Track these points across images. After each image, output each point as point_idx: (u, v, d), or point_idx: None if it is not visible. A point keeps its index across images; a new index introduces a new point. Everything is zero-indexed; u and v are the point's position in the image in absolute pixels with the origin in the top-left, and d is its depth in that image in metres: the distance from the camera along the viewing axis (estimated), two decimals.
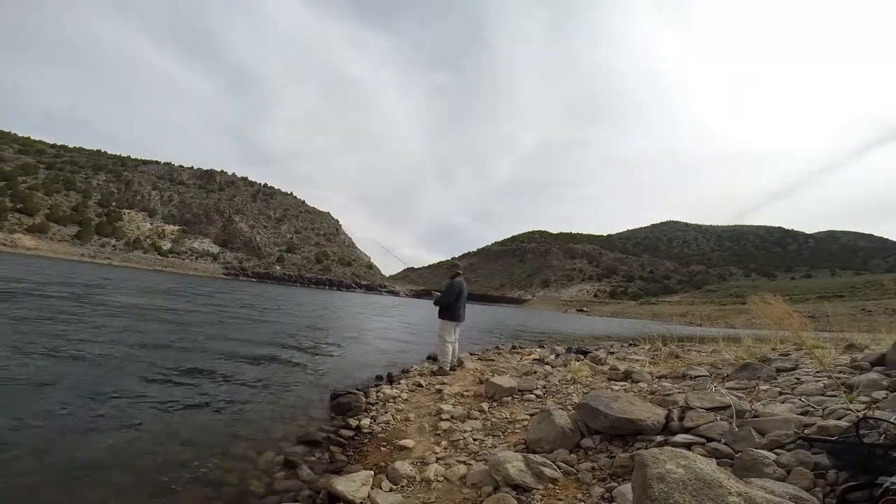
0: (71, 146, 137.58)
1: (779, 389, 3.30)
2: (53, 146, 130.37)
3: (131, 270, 55.17)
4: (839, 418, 2.41)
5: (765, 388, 3.44)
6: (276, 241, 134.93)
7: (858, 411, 2.40)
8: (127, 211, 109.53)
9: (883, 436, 1.98)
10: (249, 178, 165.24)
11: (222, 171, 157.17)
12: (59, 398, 4.24)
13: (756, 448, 2.24)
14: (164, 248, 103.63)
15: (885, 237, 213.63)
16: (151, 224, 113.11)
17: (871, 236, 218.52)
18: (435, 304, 7.03)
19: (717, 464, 2.12)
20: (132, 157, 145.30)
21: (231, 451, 3.57)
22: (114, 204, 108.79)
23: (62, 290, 14.61)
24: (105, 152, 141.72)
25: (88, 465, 3.08)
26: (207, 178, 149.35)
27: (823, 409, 2.63)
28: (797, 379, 3.50)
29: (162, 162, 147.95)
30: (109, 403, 4.28)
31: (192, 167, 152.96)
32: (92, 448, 3.33)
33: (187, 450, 3.49)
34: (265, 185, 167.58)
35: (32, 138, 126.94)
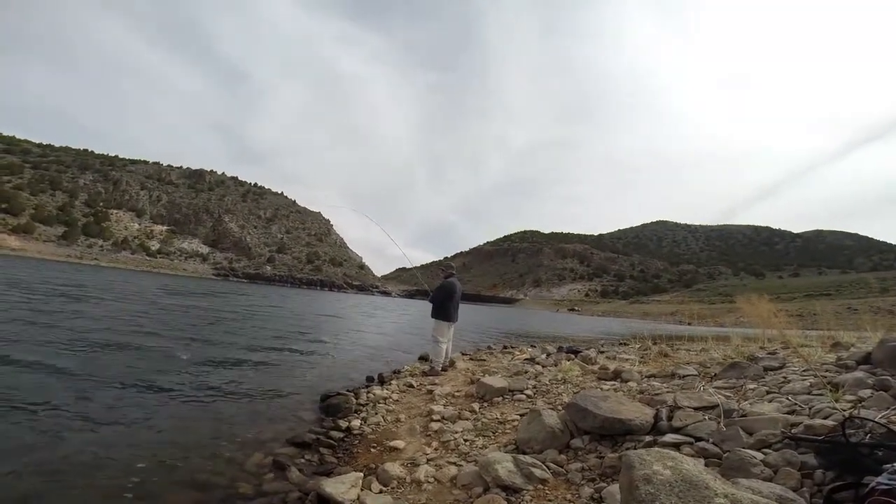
0: (57, 145, 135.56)
1: (766, 388, 3.31)
2: (39, 145, 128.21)
3: (119, 271, 54.44)
4: (826, 417, 2.41)
5: (752, 386, 3.45)
6: (266, 242, 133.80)
7: (844, 410, 2.42)
8: (114, 211, 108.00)
9: (869, 435, 1.99)
10: (239, 178, 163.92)
11: (212, 171, 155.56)
12: (44, 398, 4.16)
13: (743, 448, 2.25)
14: (153, 248, 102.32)
15: (870, 236, 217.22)
16: (139, 224, 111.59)
17: (856, 235, 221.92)
18: (430, 301, 7.09)
19: (706, 463, 2.12)
20: (120, 156, 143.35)
21: (219, 452, 3.53)
22: (101, 204, 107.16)
23: (48, 291, 14.37)
24: (92, 152, 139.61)
25: (74, 465, 3.04)
26: (197, 178, 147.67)
27: (810, 408, 2.64)
28: (784, 378, 3.51)
29: (150, 161, 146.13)
30: (94, 404, 4.21)
31: (181, 167, 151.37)
32: (78, 448, 3.28)
33: (175, 451, 3.45)
34: (255, 184, 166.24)
35: (17, 137, 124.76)
